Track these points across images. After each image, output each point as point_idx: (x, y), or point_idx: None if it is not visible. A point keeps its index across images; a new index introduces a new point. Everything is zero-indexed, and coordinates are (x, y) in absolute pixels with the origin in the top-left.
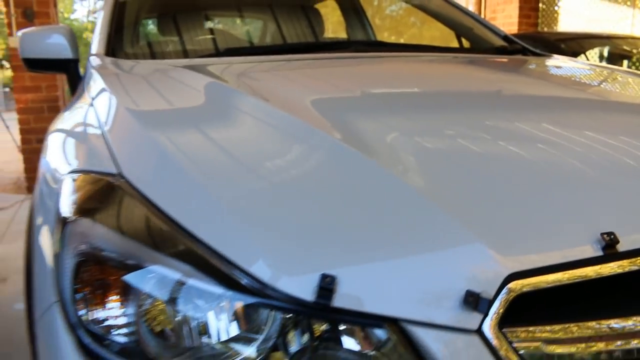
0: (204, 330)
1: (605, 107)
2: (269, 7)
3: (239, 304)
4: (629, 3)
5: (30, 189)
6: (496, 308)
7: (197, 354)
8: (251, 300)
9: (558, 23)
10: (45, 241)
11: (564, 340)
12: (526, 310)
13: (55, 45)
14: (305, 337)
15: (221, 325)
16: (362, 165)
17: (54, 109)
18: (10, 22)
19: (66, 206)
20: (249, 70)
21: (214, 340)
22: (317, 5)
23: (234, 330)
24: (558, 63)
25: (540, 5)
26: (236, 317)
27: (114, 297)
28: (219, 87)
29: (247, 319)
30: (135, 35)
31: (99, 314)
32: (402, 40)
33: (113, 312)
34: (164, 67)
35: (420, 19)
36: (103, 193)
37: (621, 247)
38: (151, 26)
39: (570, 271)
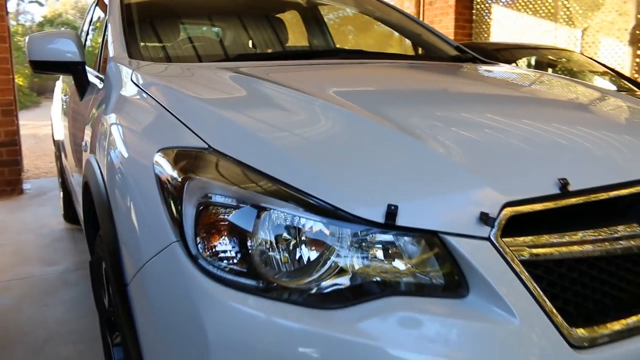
0: (297, 251)
1: (552, 98)
2: (245, 14)
3: (323, 229)
4: (551, 18)
5: None
6: (497, 224)
7: (294, 269)
8: (332, 223)
9: (490, 34)
10: (147, 204)
11: (541, 245)
12: (519, 229)
13: (64, 48)
14: (370, 253)
15: (311, 245)
16: (407, 140)
17: (9, 113)
18: None
19: (176, 171)
20: (268, 70)
21: (305, 256)
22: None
23: (321, 247)
24: (507, 68)
25: (474, 17)
26: (320, 239)
27: (229, 232)
28: (256, 82)
29: (327, 242)
30: (143, 39)
31: (218, 246)
32: (367, 46)
33: (229, 244)
34: (195, 67)
35: (385, 30)
36: (203, 160)
37: (571, 188)
38: (157, 30)
39: (542, 203)
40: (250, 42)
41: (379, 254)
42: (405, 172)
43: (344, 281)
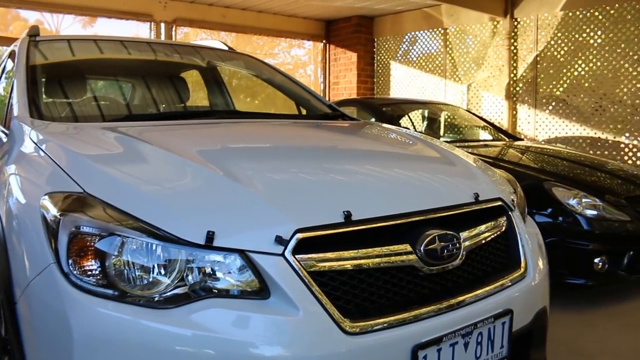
0: (146, 269)
1: (365, 147)
2: (147, 74)
3: (163, 251)
4: (441, 74)
5: None
6: (291, 245)
7: (141, 284)
8: (170, 246)
9: (390, 88)
10: (34, 236)
11: (327, 260)
12: (313, 249)
13: None
14: (199, 267)
15: (155, 265)
16: (221, 180)
17: None
18: None
19: (56, 210)
20: (145, 130)
21: (151, 275)
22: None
23: (162, 267)
24: (361, 126)
25: (375, 73)
26: (162, 259)
27: (93, 255)
28: (130, 140)
29: (167, 261)
30: (44, 97)
31: (85, 266)
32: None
33: (93, 264)
34: (84, 127)
35: (271, 91)
36: (78, 201)
37: (354, 218)
38: (57, 90)
39: (328, 230)
40: (149, 101)
41: (206, 268)
42: (224, 207)
43: (181, 290)
